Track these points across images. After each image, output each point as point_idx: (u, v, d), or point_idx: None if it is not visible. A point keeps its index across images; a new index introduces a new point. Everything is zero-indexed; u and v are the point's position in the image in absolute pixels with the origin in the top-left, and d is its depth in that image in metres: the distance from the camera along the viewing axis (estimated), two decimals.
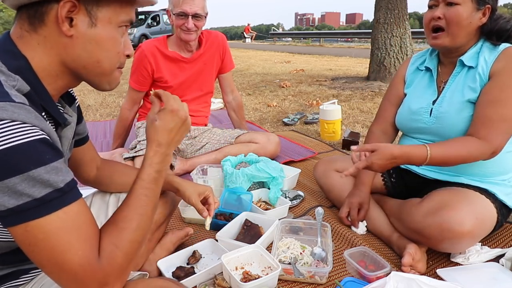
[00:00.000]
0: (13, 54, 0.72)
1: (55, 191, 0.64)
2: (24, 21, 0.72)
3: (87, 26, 0.73)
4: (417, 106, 1.46)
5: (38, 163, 0.62)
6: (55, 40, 0.73)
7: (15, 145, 0.60)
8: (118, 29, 0.77)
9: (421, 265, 1.24)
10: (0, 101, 0.62)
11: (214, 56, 2.23)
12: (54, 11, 0.70)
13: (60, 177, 0.65)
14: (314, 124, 3.41)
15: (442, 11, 1.31)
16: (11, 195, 0.60)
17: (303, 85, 5.68)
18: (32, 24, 0.72)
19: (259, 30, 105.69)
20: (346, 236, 1.47)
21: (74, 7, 0.70)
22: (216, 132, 2.28)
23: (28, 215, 0.62)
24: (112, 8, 0.74)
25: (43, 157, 0.63)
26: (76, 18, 0.71)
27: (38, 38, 0.72)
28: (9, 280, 0.82)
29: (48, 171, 0.63)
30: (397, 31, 5.07)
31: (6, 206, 0.61)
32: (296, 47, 17.78)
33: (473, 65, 1.33)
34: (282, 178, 1.79)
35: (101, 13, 0.74)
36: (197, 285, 1.18)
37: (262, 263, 1.23)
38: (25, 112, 0.64)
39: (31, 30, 0.72)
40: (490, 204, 1.23)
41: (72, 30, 0.72)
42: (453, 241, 1.17)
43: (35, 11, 0.71)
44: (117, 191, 1.17)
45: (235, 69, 7.85)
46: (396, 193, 1.58)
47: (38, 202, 0.62)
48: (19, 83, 0.68)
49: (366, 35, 16.30)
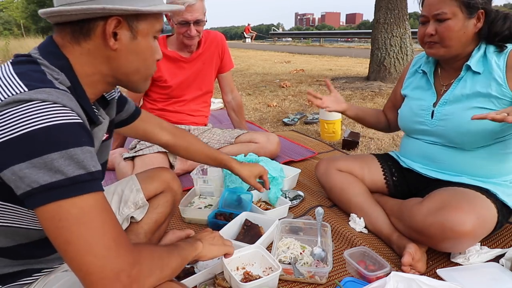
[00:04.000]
0: (56, 55, 0.76)
1: (87, 174, 0.66)
2: (67, 34, 0.77)
3: (129, 39, 0.79)
4: (418, 107, 1.47)
5: (76, 143, 0.65)
6: (98, 53, 0.78)
7: (56, 124, 0.64)
8: (153, 38, 0.84)
9: (421, 264, 1.24)
10: (46, 87, 0.67)
11: (213, 56, 2.23)
12: (100, 27, 0.76)
13: (93, 162, 0.67)
14: (314, 124, 3.41)
15: (434, 27, 1.31)
16: (46, 171, 0.62)
17: (303, 85, 5.68)
18: (76, 37, 0.77)
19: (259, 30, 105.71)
20: (346, 236, 1.47)
21: (119, 23, 0.76)
22: (216, 132, 2.28)
23: (61, 193, 0.63)
24: (149, 21, 0.81)
25: (81, 139, 0.66)
26: (120, 33, 0.77)
27: (81, 50, 0.77)
28: (21, 278, 0.83)
29: (84, 152, 0.66)
30: (397, 31, 5.07)
31: (40, 183, 0.62)
32: (296, 47, 17.79)
33: (479, 71, 1.32)
34: (282, 178, 1.79)
35: (140, 26, 0.80)
36: (197, 285, 1.18)
37: (263, 264, 1.23)
38: (67, 98, 0.69)
39: (73, 42, 0.77)
40: (491, 205, 1.23)
41: (116, 43, 0.78)
42: (454, 241, 1.17)
43: (80, 27, 0.76)
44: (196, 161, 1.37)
45: (235, 69, 7.86)
46: (397, 193, 1.58)
47: (70, 181, 0.64)
48: (62, 77, 0.74)
49: (366, 35, 16.30)
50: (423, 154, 1.48)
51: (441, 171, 1.42)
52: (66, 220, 0.63)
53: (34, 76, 0.70)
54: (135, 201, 1.16)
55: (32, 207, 0.64)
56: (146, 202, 1.19)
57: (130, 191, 1.17)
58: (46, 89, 0.67)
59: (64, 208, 0.64)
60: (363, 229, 1.50)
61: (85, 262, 0.64)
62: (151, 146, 1.99)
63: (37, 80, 0.69)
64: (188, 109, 2.24)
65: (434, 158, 1.44)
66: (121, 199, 1.16)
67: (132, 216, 1.16)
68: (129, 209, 1.16)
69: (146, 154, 1.96)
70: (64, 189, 0.63)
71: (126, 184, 1.19)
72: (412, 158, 1.53)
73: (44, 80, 0.70)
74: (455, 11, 1.27)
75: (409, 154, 1.55)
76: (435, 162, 1.44)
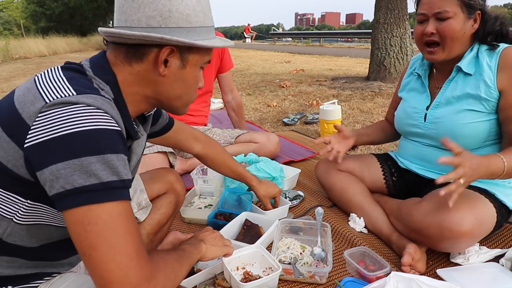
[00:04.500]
0: (105, 70, 0.79)
1: (120, 181, 0.67)
2: (120, 53, 0.79)
3: (178, 67, 0.82)
4: (411, 110, 1.47)
5: (113, 150, 0.67)
6: (147, 76, 0.81)
7: (97, 129, 0.66)
8: (199, 68, 0.86)
9: (420, 264, 1.24)
10: (93, 93, 0.70)
11: (213, 56, 2.23)
12: (153, 53, 0.78)
13: (125, 170, 0.69)
14: (314, 124, 3.41)
15: (434, 26, 1.28)
16: (82, 174, 0.63)
17: (303, 85, 5.68)
18: (128, 59, 0.79)
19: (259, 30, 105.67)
20: (346, 236, 1.47)
21: (172, 51, 0.79)
22: (216, 132, 2.28)
23: (93, 197, 0.64)
24: (200, 53, 0.83)
25: (118, 146, 0.68)
26: (170, 61, 0.80)
27: (131, 71, 0.80)
28: (34, 280, 0.84)
29: (119, 159, 0.67)
30: (397, 31, 5.07)
31: (74, 185, 0.63)
32: (296, 47, 17.78)
33: (471, 72, 1.32)
34: (282, 178, 1.79)
35: (191, 57, 0.82)
36: (197, 285, 1.18)
37: (264, 264, 1.23)
38: (111, 107, 0.72)
39: (125, 62, 0.80)
40: (489, 205, 1.23)
41: (166, 70, 0.80)
42: (453, 241, 1.17)
43: (135, 50, 0.78)
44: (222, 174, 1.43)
45: (235, 69, 7.86)
46: (396, 193, 1.58)
47: (104, 186, 0.65)
48: (107, 89, 0.77)
49: (366, 35, 16.30)
50: (420, 156, 1.48)
51: (439, 172, 1.41)
52: (95, 224, 0.64)
53: (82, 82, 0.73)
54: (139, 202, 1.16)
55: (62, 208, 0.65)
56: (150, 203, 1.19)
57: (134, 191, 1.17)
58: (93, 95, 0.70)
59: (94, 212, 0.64)
60: (363, 229, 1.50)
61: (107, 269, 0.64)
62: (151, 146, 1.99)
63: (85, 86, 0.71)
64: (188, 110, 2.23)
65: (430, 160, 1.44)
66: None
67: (135, 216, 1.16)
68: (133, 209, 1.16)
69: (146, 154, 1.96)
70: (97, 194, 0.64)
71: None
72: (409, 159, 1.54)
73: (91, 87, 0.73)
74: (456, 10, 1.26)
75: (406, 155, 1.55)
76: (432, 164, 1.44)
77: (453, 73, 1.37)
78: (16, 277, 0.81)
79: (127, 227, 0.67)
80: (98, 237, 0.64)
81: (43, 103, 0.67)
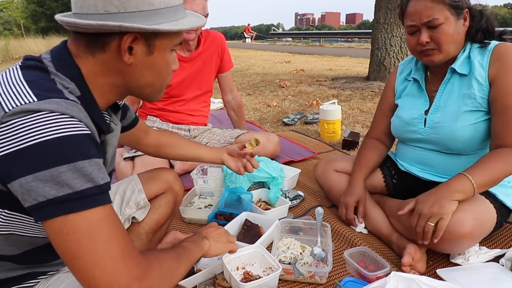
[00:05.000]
0: (68, 64, 0.75)
1: (95, 187, 0.65)
2: (81, 44, 0.75)
3: (145, 54, 0.77)
4: (410, 116, 1.44)
5: (84, 156, 0.64)
6: (112, 65, 0.76)
7: (64, 136, 0.62)
8: (170, 51, 0.81)
9: (420, 265, 1.24)
10: (56, 97, 0.66)
11: (213, 55, 2.23)
12: (115, 42, 0.73)
13: (101, 174, 0.66)
14: (314, 124, 3.41)
15: (428, 35, 1.27)
16: (54, 185, 0.61)
17: (303, 85, 5.68)
18: (90, 48, 0.75)
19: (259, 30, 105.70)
20: (346, 236, 1.47)
21: (136, 38, 0.74)
22: (216, 132, 2.28)
23: (68, 207, 0.62)
24: (169, 37, 0.78)
25: (89, 151, 0.65)
26: (135, 48, 0.75)
27: (95, 61, 0.76)
28: (27, 280, 0.83)
29: (92, 165, 0.65)
30: (397, 31, 5.06)
31: (46, 197, 0.61)
32: (296, 47, 17.78)
33: (465, 73, 1.31)
34: (282, 178, 1.79)
35: (158, 42, 0.77)
36: (197, 285, 1.18)
37: (264, 264, 1.23)
38: (77, 109, 0.67)
39: (87, 53, 0.75)
40: (489, 205, 1.23)
41: (131, 58, 0.75)
42: (453, 242, 1.16)
43: (96, 40, 0.73)
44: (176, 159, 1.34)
45: (235, 69, 7.86)
46: (396, 194, 1.58)
47: (78, 195, 0.63)
48: (72, 87, 0.73)
49: (366, 35, 16.29)
50: (420, 160, 1.47)
51: (439, 174, 1.41)
52: (73, 234, 0.62)
53: (43, 85, 0.68)
54: (137, 201, 1.16)
55: (39, 220, 0.63)
56: (148, 203, 1.19)
57: (132, 192, 1.17)
58: (56, 99, 0.65)
59: (71, 222, 0.62)
60: (363, 230, 1.50)
61: (93, 276, 0.63)
62: None
63: (46, 89, 0.67)
64: (187, 109, 2.24)
65: (431, 163, 1.43)
66: (123, 199, 1.16)
67: (133, 216, 1.16)
68: (131, 209, 1.15)
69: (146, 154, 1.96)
70: (72, 203, 0.62)
71: (128, 184, 1.19)
72: (410, 163, 1.52)
73: (54, 89, 0.68)
74: (446, 15, 1.24)
75: (406, 159, 1.53)
76: (432, 167, 1.43)
77: (447, 75, 1.36)
78: (8, 279, 0.80)
79: (109, 231, 0.65)
80: (79, 247, 0.63)
81: (3, 113, 0.63)
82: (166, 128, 2.18)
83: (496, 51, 1.26)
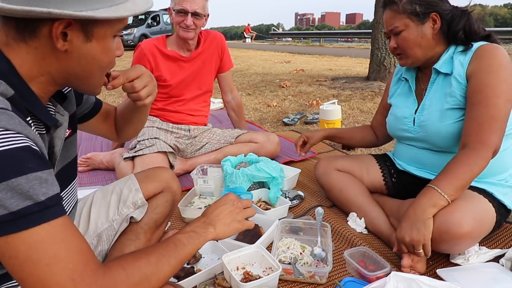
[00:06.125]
0: None
1: (35, 205, 0.59)
2: (11, 29, 0.68)
3: (82, 41, 0.71)
4: (401, 115, 1.50)
5: (18, 172, 0.58)
6: (47, 52, 0.70)
7: None
8: (112, 38, 0.76)
9: (420, 265, 1.24)
10: None
11: (212, 55, 2.23)
12: (46, 27, 0.67)
13: (43, 189, 0.61)
14: (314, 124, 3.41)
15: (394, 41, 1.40)
16: None
17: (303, 85, 5.68)
18: (21, 34, 0.68)
19: (259, 30, 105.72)
20: (346, 236, 1.47)
21: (70, 24, 0.68)
22: (216, 132, 2.28)
23: (5, 229, 0.58)
24: (109, 23, 0.72)
25: (25, 166, 0.59)
26: (70, 34, 0.69)
27: (28, 49, 0.69)
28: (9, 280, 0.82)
29: (30, 180, 0.59)
30: None
31: None
32: (296, 47, 17.79)
33: (448, 72, 1.34)
34: (282, 178, 1.79)
35: (97, 29, 0.71)
36: (197, 285, 1.18)
37: (264, 264, 1.23)
38: (7, 118, 0.60)
39: (18, 39, 0.68)
40: (488, 204, 1.23)
41: (66, 44, 0.69)
42: (452, 243, 1.16)
43: (25, 25, 0.67)
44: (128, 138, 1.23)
45: (235, 69, 7.86)
46: (396, 193, 1.58)
47: (14, 216, 0.58)
48: (2, 87, 0.65)
49: (366, 35, 16.30)
50: (415, 159, 1.49)
51: (434, 172, 1.41)
52: (15, 258, 0.59)
53: None
54: (134, 201, 1.16)
55: None
56: (145, 202, 1.18)
57: (129, 191, 1.16)
58: None
59: (11, 245, 0.58)
60: (363, 230, 1.50)
61: None
62: (151, 146, 1.99)
63: None
64: (187, 109, 2.24)
65: (424, 162, 1.45)
66: (120, 198, 1.15)
67: (131, 216, 1.16)
68: (128, 209, 1.15)
69: (146, 154, 1.96)
70: (9, 225, 0.57)
71: (125, 183, 1.19)
72: (406, 162, 1.55)
73: None
74: (405, 22, 1.34)
75: (403, 157, 1.57)
76: (426, 165, 1.45)
77: (433, 75, 1.41)
78: None
79: (53, 252, 0.60)
80: (22, 272, 0.59)
81: None
82: (166, 128, 2.18)
83: (478, 51, 1.29)
